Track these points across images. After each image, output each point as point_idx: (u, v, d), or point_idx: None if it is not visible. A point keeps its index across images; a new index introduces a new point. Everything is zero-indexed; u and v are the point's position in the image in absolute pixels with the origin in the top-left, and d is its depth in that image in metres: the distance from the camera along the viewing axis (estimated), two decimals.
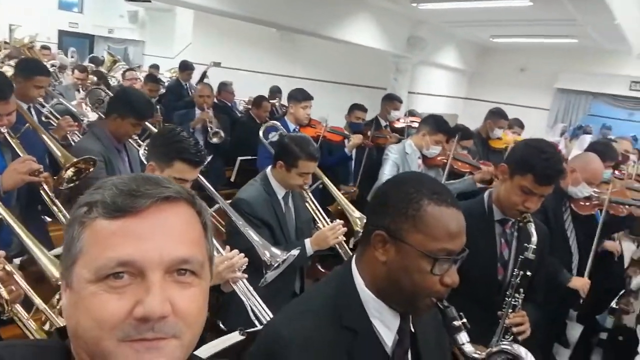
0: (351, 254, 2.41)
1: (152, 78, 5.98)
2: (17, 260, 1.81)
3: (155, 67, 9.27)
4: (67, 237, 0.65)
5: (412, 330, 1.10)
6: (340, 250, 2.47)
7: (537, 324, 1.95)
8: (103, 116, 3.24)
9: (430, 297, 1.00)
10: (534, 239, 1.79)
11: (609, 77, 9.05)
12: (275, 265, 1.92)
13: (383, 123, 5.04)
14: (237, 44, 11.18)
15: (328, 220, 2.63)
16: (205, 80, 7.25)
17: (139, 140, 3.00)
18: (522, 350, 1.01)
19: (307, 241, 2.39)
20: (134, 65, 9.47)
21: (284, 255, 1.94)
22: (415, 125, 5.04)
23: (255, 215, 2.29)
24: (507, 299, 1.81)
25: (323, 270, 3.46)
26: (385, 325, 1.05)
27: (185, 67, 7.27)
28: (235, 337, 1.43)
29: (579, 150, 7.79)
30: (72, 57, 9.31)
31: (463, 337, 1.00)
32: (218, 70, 8.72)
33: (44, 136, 2.51)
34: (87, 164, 2.36)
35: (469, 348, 0.99)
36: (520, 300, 1.81)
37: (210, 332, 1.95)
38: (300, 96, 4.11)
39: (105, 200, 0.63)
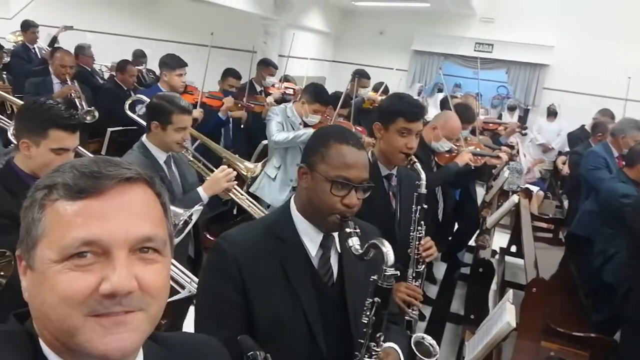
0: (248, 198, 2.50)
1: None
2: None
3: None
4: (26, 220, 0.65)
5: (339, 251, 1.36)
6: (234, 197, 2.49)
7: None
8: None
9: (334, 213, 1.28)
10: (423, 175, 2.05)
11: (457, 39, 9.88)
12: (180, 224, 1.89)
13: (258, 88, 5.05)
14: (88, 2, 10.17)
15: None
16: (56, 46, 6.58)
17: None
18: (385, 244, 1.21)
19: (199, 189, 2.40)
20: None
21: (187, 213, 1.92)
22: (290, 91, 5.15)
23: None
24: (412, 233, 2.03)
25: (211, 238, 3.47)
26: (310, 239, 1.33)
27: (28, 26, 6.49)
28: None
29: (434, 106, 8.55)
30: None
31: (354, 240, 1.24)
32: (68, 33, 7.89)
33: None
34: None
35: (355, 247, 1.23)
36: (423, 232, 2.04)
37: None
38: (174, 63, 3.93)
39: (66, 182, 0.63)
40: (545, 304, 2.60)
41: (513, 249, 4.60)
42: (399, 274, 1.28)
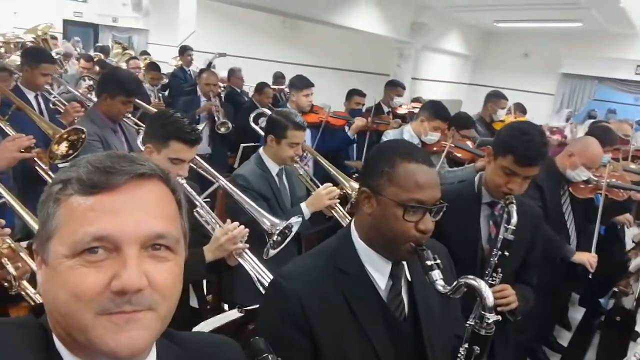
0: (348, 217, 2.47)
1: (154, 66, 5.98)
2: (23, 244, 1.84)
3: (145, 53, 9.35)
4: (42, 214, 0.65)
5: (409, 279, 1.24)
6: (335, 215, 2.51)
7: (532, 307, 1.99)
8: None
9: (408, 241, 1.14)
10: (514, 220, 1.77)
11: (614, 61, 8.96)
12: (277, 233, 1.95)
13: (385, 109, 5.06)
14: (240, 31, 11.15)
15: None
16: (203, 68, 7.30)
17: (135, 120, 3.05)
18: (481, 284, 1.08)
19: (303, 204, 2.46)
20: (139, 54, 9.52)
21: (283, 224, 1.97)
22: (417, 111, 5.06)
23: (252, 187, 2.38)
24: (485, 278, 1.79)
25: None
26: (377, 270, 1.20)
27: (184, 50, 7.37)
28: (233, 314, 1.48)
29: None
30: (76, 48, 9.28)
31: (436, 274, 1.11)
32: (223, 58, 8.73)
33: (31, 114, 2.53)
34: (77, 134, 2.38)
35: (439, 283, 1.11)
36: (497, 280, 1.81)
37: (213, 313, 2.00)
38: (301, 84, 4.11)
39: (80, 177, 0.63)
40: None
41: None
42: (500, 319, 1.13)
